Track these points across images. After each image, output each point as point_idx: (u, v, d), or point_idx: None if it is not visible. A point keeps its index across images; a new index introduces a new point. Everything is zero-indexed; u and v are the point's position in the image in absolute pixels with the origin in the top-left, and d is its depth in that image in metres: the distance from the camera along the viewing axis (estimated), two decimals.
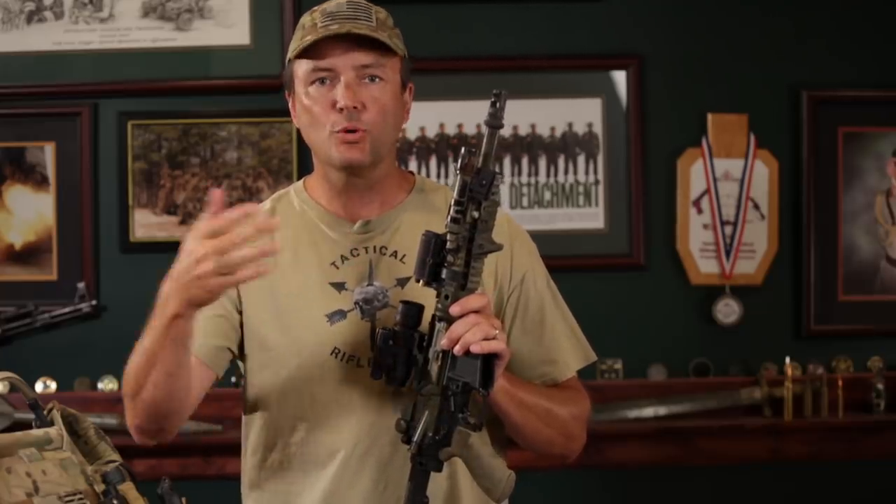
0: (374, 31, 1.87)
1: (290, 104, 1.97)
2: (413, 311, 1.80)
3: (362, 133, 1.87)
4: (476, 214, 1.75)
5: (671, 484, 3.54)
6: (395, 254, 1.94)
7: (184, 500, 1.64)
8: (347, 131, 1.87)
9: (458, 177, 1.75)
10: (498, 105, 1.76)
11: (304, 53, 1.89)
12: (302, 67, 1.90)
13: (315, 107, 1.89)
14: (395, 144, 1.98)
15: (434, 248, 1.77)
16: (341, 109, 1.86)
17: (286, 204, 2.01)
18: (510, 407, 1.88)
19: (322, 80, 1.88)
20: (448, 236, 1.76)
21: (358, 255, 1.94)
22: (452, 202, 1.76)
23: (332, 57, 1.87)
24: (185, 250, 1.69)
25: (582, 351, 2.04)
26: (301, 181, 2.04)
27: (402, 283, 1.92)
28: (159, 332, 1.75)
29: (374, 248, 1.94)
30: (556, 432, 1.96)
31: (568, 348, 2.01)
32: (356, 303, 1.92)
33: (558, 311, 2.02)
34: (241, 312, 1.96)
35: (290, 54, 1.93)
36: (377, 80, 1.88)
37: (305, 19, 1.93)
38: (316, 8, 1.94)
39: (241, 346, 1.98)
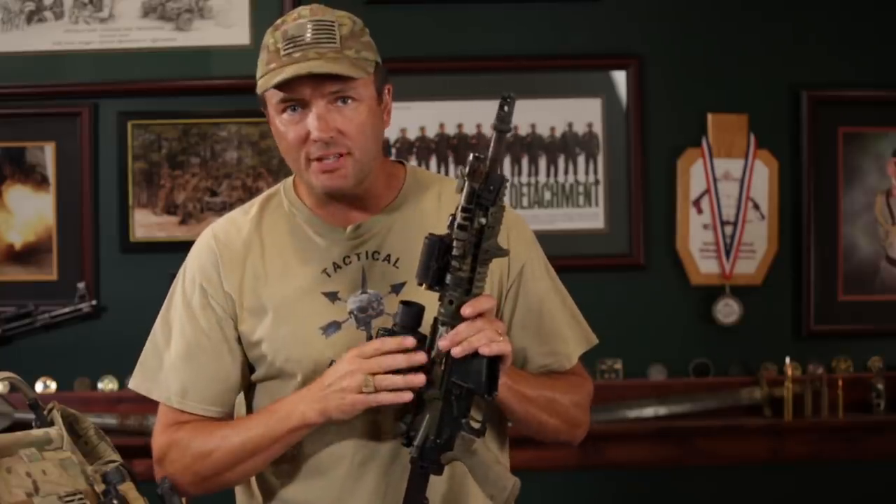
0: (337, 57, 1.80)
1: (267, 119, 1.90)
2: (413, 311, 1.77)
3: (343, 158, 1.82)
4: (483, 220, 1.71)
5: (671, 484, 3.54)
6: (388, 258, 1.90)
7: (184, 500, 1.64)
8: (325, 159, 1.82)
9: (466, 183, 1.71)
10: (507, 109, 1.71)
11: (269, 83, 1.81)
12: (271, 96, 1.84)
13: (289, 134, 1.83)
14: (381, 150, 1.92)
15: (438, 252, 1.74)
16: (315, 140, 1.81)
17: (275, 205, 1.97)
18: (513, 402, 1.87)
19: (293, 108, 1.82)
20: (455, 243, 1.73)
21: (350, 262, 1.90)
22: (459, 209, 1.72)
23: (300, 88, 1.80)
24: (334, 369, 1.79)
25: (583, 336, 2.02)
26: (291, 178, 1.98)
27: (396, 289, 1.89)
28: (279, 433, 1.84)
29: (367, 253, 1.90)
30: (559, 421, 1.96)
31: (569, 337, 1.99)
32: (351, 312, 1.89)
33: (558, 298, 2.00)
34: (239, 341, 1.94)
35: (257, 77, 1.85)
36: (349, 101, 1.82)
37: (268, 40, 1.84)
38: (279, 24, 1.85)
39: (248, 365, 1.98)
